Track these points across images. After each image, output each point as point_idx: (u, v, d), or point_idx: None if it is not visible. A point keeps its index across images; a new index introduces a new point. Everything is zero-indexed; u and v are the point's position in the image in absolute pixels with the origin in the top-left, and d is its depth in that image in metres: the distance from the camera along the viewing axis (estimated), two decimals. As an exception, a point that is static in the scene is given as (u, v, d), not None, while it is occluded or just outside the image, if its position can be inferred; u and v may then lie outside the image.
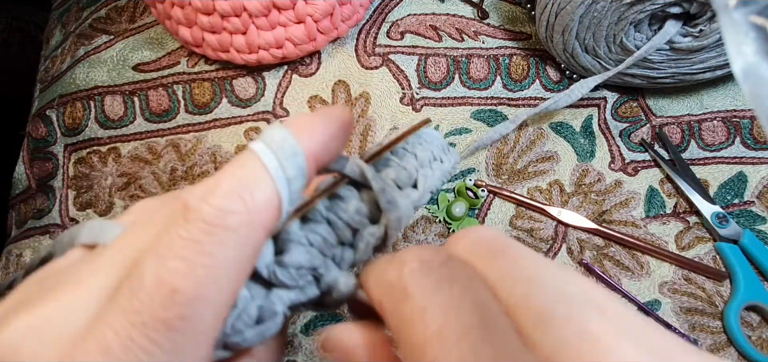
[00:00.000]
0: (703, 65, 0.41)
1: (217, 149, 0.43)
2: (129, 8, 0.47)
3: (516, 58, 0.46)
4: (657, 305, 0.39)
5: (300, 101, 0.44)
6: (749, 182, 0.43)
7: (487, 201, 0.42)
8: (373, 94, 0.44)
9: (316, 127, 0.17)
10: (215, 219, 0.14)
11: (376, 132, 0.43)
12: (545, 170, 0.43)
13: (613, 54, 0.41)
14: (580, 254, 0.40)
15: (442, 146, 0.22)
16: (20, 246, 0.41)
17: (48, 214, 0.41)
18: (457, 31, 0.47)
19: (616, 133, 0.44)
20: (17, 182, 0.43)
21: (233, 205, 0.15)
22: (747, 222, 0.42)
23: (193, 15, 0.40)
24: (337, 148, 0.18)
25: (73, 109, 0.43)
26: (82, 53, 0.45)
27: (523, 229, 0.41)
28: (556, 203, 0.42)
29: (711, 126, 0.45)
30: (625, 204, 0.42)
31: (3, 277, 0.40)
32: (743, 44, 0.16)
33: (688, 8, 0.37)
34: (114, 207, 0.41)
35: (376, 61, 0.45)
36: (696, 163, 0.43)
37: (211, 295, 0.14)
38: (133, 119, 0.43)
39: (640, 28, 0.39)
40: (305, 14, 0.40)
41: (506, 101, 0.45)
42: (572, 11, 0.38)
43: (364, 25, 0.46)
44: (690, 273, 0.40)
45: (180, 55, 0.45)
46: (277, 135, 0.16)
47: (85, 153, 0.43)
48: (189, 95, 0.44)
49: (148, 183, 0.42)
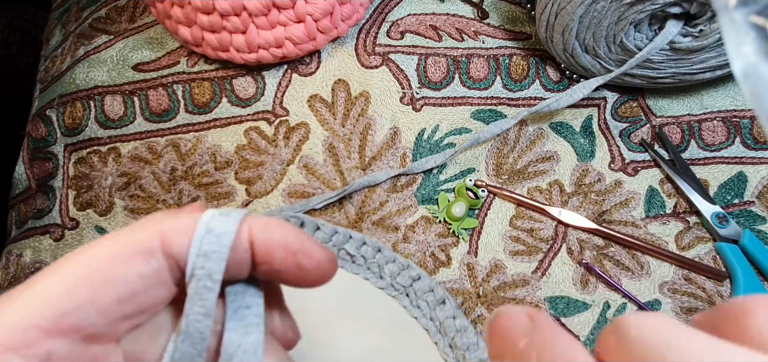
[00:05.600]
0: (703, 65, 0.41)
1: (217, 149, 0.43)
2: (129, 8, 0.47)
3: (516, 58, 0.46)
4: (657, 305, 0.39)
5: (300, 100, 0.44)
6: (749, 182, 0.43)
7: (487, 202, 0.42)
8: (373, 94, 0.44)
9: (276, 228, 0.18)
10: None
11: (376, 131, 0.43)
12: (545, 170, 0.43)
13: (613, 54, 0.41)
14: (580, 254, 0.40)
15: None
16: (20, 246, 0.41)
17: (48, 214, 0.41)
18: (457, 31, 0.47)
19: (616, 133, 0.44)
20: (17, 182, 0.43)
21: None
22: (747, 222, 0.42)
23: (192, 14, 0.40)
24: (283, 258, 0.18)
25: (73, 109, 0.43)
26: (82, 53, 0.45)
27: (523, 229, 0.41)
28: (556, 203, 0.42)
29: (711, 126, 0.45)
30: (625, 204, 0.42)
31: (3, 277, 0.40)
32: (743, 44, 0.16)
33: (688, 8, 0.37)
34: (114, 207, 0.41)
35: (376, 61, 0.45)
36: (696, 163, 0.43)
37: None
38: (133, 119, 0.43)
39: (640, 28, 0.39)
40: (305, 13, 0.40)
41: (506, 101, 0.45)
42: (572, 11, 0.38)
43: (364, 25, 0.46)
44: (690, 273, 0.40)
45: (180, 54, 0.45)
46: (226, 214, 0.18)
47: (85, 153, 0.43)
48: (189, 95, 0.44)
49: (148, 183, 0.42)
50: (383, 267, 0.37)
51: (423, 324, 0.36)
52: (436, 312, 0.36)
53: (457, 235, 0.40)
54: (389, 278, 0.36)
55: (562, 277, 0.40)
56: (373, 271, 0.37)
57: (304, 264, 0.18)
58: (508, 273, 0.40)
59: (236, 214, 0.18)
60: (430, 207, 0.41)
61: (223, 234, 0.18)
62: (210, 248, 0.17)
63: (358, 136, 0.43)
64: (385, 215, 0.41)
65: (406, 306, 0.36)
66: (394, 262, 0.37)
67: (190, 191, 0.41)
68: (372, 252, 0.37)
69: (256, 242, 0.18)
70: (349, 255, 0.37)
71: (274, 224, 0.19)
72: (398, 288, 0.36)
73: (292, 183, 0.42)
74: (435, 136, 0.43)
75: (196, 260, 0.17)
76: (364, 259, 0.37)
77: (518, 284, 0.39)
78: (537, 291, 0.39)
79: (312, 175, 0.42)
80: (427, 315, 0.36)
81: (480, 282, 0.39)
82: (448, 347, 0.35)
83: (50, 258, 0.40)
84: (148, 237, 0.17)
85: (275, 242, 0.18)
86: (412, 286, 0.36)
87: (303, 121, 0.43)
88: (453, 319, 0.35)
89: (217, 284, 0.17)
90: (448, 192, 0.42)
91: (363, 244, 0.37)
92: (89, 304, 0.16)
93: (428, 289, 0.36)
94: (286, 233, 0.18)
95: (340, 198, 0.41)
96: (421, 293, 0.36)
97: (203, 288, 0.17)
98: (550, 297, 0.39)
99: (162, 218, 0.18)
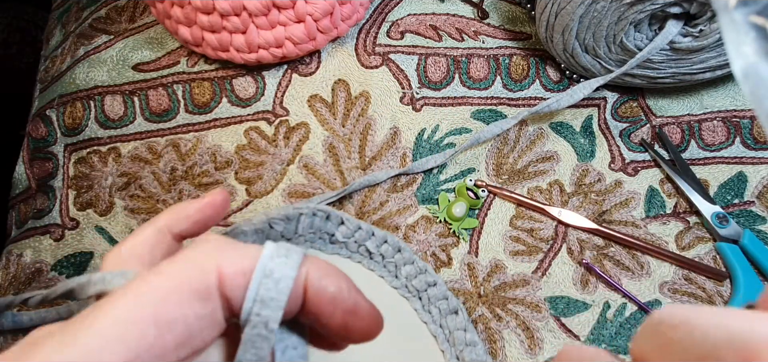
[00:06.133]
0: (703, 65, 0.41)
1: (217, 149, 0.43)
2: (129, 8, 0.47)
3: (516, 58, 0.46)
4: (657, 305, 0.39)
5: (300, 100, 0.44)
6: (749, 182, 0.43)
7: (487, 202, 0.42)
8: (373, 94, 0.44)
9: (332, 280, 0.18)
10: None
11: (376, 131, 0.43)
12: (545, 170, 0.43)
13: (613, 54, 0.41)
14: (580, 254, 0.40)
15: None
16: (20, 246, 0.41)
17: (48, 214, 0.41)
18: (457, 31, 0.47)
19: (616, 133, 0.44)
20: (17, 182, 0.43)
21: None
22: (747, 222, 0.42)
23: (192, 14, 0.40)
24: (332, 314, 0.18)
25: (73, 109, 0.43)
26: (82, 53, 0.45)
27: (523, 229, 0.41)
28: (556, 203, 0.42)
29: (711, 126, 0.45)
30: (625, 204, 0.42)
31: (3, 277, 0.40)
32: (743, 44, 0.16)
33: (688, 8, 0.37)
34: (114, 207, 0.41)
35: (376, 61, 0.45)
36: (696, 163, 0.43)
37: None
38: (133, 119, 0.43)
39: (640, 28, 0.39)
40: (305, 13, 0.40)
41: (506, 101, 0.45)
42: (572, 11, 0.38)
43: (364, 25, 0.46)
44: (690, 273, 0.40)
45: (180, 54, 0.45)
46: (285, 254, 0.18)
47: (85, 153, 0.43)
48: (189, 95, 0.44)
49: (148, 183, 0.42)
50: (400, 267, 0.36)
51: (432, 330, 0.35)
52: (447, 320, 0.35)
53: (458, 235, 0.40)
54: (404, 279, 0.36)
55: (562, 277, 0.40)
56: (389, 270, 0.36)
57: (351, 326, 0.18)
58: (509, 273, 0.40)
59: (295, 255, 0.17)
60: (431, 207, 0.41)
61: (282, 279, 0.17)
62: (268, 295, 0.17)
63: (358, 136, 0.43)
64: (386, 215, 0.41)
65: (417, 309, 0.36)
66: (413, 264, 0.36)
67: (190, 191, 0.41)
68: (391, 252, 0.36)
69: (310, 290, 0.17)
70: (368, 252, 0.36)
71: (331, 275, 0.18)
72: (412, 290, 0.36)
73: (292, 183, 0.42)
74: (435, 136, 0.43)
75: (253, 305, 0.17)
76: (382, 257, 0.36)
77: (518, 284, 0.39)
78: (537, 291, 0.39)
79: (312, 175, 0.42)
80: (437, 322, 0.36)
81: (481, 282, 0.39)
82: (455, 358, 0.35)
83: (50, 258, 0.40)
84: (206, 276, 0.16)
85: (328, 296, 0.18)
86: (427, 291, 0.36)
87: (303, 121, 0.43)
88: (464, 332, 0.35)
89: (273, 333, 0.17)
90: (448, 192, 0.42)
91: (384, 243, 0.36)
92: (155, 347, 0.15)
93: (442, 297, 0.36)
94: (340, 288, 0.18)
95: (341, 198, 0.41)
96: (434, 299, 0.36)
97: (257, 337, 0.17)
98: (550, 297, 0.39)
99: (218, 250, 0.17)
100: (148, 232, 0.21)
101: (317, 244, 0.35)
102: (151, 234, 0.21)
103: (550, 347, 0.38)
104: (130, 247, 0.20)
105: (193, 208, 0.23)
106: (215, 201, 0.23)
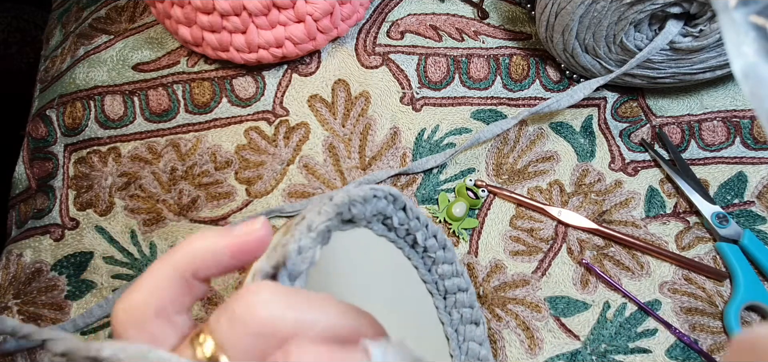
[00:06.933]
0: (703, 65, 0.41)
1: (217, 149, 0.43)
2: (129, 8, 0.47)
3: (516, 58, 0.46)
4: (657, 305, 0.39)
5: (300, 100, 0.44)
6: (749, 182, 0.43)
7: (487, 202, 0.42)
8: (373, 94, 0.44)
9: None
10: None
11: (376, 131, 0.43)
12: (545, 170, 0.43)
13: (613, 54, 0.41)
14: (580, 254, 0.40)
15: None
16: (20, 246, 0.41)
17: (48, 214, 0.41)
18: (457, 31, 0.47)
19: (616, 132, 0.44)
20: (17, 182, 0.43)
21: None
22: (747, 222, 0.42)
23: (192, 14, 0.40)
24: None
25: (73, 109, 0.43)
26: (82, 53, 0.45)
27: (523, 229, 0.41)
28: (556, 203, 0.42)
29: (711, 126, 0.45)
30: (625, 204, 0.42)
31: (3, 277, 0.40)
32: (743, 44, 0.16)
33: (688, 8, 0.37)
34: (114, 207, 0.41)
35: (376, 61, 0.45)
36: (696, 163, 0.43)
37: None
38: (133, 119, 0.43)
39: (640, 27, 0.39)
40: (305, 13, 0.40)
41: (506, 101, 0.45)
42: (572, 11, 0.38)
43: (364, 25, 0.46)
44: (690, 273, 0.40)
45: (180, 54, 0.45)
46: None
47: (85, 153, 0.43)
48: (189, 95, 0.44)
49: (148, 183, 0.42)
50: (439, 264, 0.35)
51: (447, 333, 0.35)
52: (466, 328, 0.35)
53: (458, 235, 0.40)
54: (437, 276, 0.36)
55: (562, 277, 0.40)
56: (425, 263, 0.36)
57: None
58: (509, 273, 0.40)
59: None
60: (431, 207, 0.41)
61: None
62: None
63: (358, 136, 0.43)
64: (385, 215, 0.41)
65: (439, 306, 0.36)
66: (451, 265, 0.36)
67: (190, 191, 0.41)
68: (436, 247, 0.35)
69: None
70: (415, 242, 0.35)
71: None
72: (441, 289, 0.36)
73: (292, 183, 0.42)
74: (435, 136, 0.43)
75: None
76: (424, 250, 0.36)
77: (518, 284, 0.39)
78: (537, 291, 0.39)
79: (312, 175, 0.42)
80: (454, 326, 0.35)
81: (480, 282, 0.39)
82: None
83: (50, 258, 0.40)
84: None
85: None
86: (456, 295, 0.36)
87: (303, 120, 0.43)
88: (479, 345, 0.34)
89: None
90: (448, 192, 0.42)
91: (433, 237, 0.35)
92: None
93: (468, 305, 0.35)
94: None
95: (340, 198, 0.41)
96: (459, 304, 0.35)
97: None
98: (550, 297, 0.39)
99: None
100: (164, 277, 0.18)
101: (372, 225, 0.34)
102: (170, 280, 0.18)
103: (550, 347, 0.38)
104: (144, 299, 0.17)
105: (224, 244, 0.18)
106: (257, 235, 0.19)
